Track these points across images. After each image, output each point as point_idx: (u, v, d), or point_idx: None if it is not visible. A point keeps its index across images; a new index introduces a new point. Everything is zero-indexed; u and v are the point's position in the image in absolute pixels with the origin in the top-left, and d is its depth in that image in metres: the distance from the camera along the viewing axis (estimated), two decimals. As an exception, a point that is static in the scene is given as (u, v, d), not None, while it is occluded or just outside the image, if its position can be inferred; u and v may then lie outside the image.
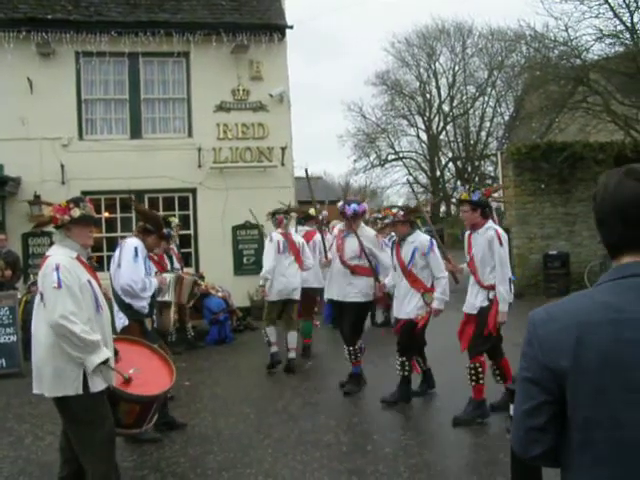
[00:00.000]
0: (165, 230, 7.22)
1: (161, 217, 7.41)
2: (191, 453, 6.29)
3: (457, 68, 49.26)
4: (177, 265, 10.56)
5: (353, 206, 8.22)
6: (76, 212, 4.73)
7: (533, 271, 16.38)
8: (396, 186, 53.79)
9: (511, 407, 3.80)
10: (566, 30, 15.83)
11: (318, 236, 9.91)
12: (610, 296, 1.80)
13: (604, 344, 1.74)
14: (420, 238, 7.62)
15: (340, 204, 8.49)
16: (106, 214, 14.44)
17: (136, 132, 14.99)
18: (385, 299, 11.86)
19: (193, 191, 15.08)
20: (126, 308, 6.56)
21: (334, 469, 5.70)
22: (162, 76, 15.28)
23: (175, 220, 11.47)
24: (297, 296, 9.81)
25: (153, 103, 15.27)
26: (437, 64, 49.90)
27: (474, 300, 6.89)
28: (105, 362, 4.57)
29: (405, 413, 7.27)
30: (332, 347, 12.04)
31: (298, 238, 10.08)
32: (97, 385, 4.62)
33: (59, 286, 4.45)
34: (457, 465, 5.69)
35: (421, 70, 50.53)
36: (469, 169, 50.49)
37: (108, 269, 12.07)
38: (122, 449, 6.02)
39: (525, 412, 1.88)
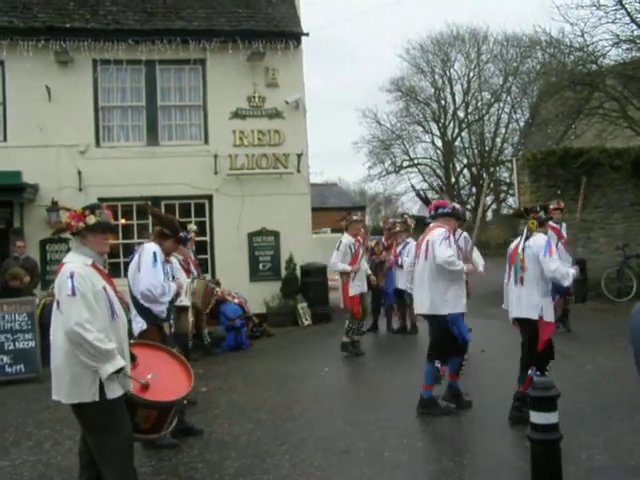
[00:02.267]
0: (182, 233, 7.23)
1: (177, 220, 7.42)
2: (209, 459, 6.30)
3: (472, 74, 49.18)
4: (194, 271, 10.60)
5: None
6: (91, 219, 4.76)
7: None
8: (411, 193, 53.65)
9: (531, 414, 3.79)
10: (582, 36, 15.81)
11: None
12: None
13: None
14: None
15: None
16: (122, 220, 14.54)
17: (152, 139, 15.09)
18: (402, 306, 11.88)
19: (209, 198, 15.15)
20: (145, 312, 6.58)
21: (351, 475, 5.70)
22: (178, 83, 15.41)
23: (192, 227, 11.53)
24: None
25: (169, 110, 15.38)
26: (452, 70, 49.85)
27: None
28: (119, 371, 4.58)
29: (424, 421, 7.24)
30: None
31: None
32: (114, 391, 4.64)
33: (73, 294, 4.48)
34: (476, 473, 5.66)
35: (436, 76, 50.49)
36: (484, 175, 50.33)
37: (124, 275, 12.23)
38: (140, 455, 6.04)
39: None
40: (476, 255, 9.37)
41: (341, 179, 57.65)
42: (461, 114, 50.66)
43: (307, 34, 15.40)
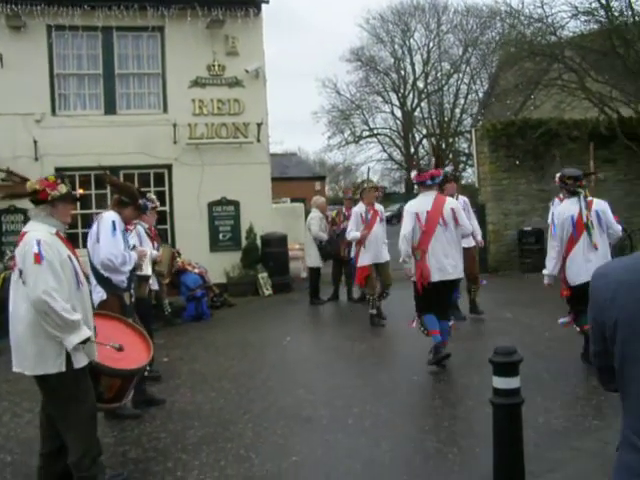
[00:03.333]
0: (141, 201, 7.08)
1: (136, 188, 7.30)
2: (171, 428, 6.30)
3: (432, 45, 49.25)
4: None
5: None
6: (63, 188, 4.69)
7: (508, 247, 16.51)
8: (371, 162, 53.78)
9: (493, 379, 3.86)
10: (542, 7, 15.91)
11: None
12: None
13: (633, 303, 1.84)
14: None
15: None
16: (81, 191, 14.26)
17: (110, 108, 14.84)
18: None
19: (169, 167, 15.00)
20: (104, 282, 6.49)
21: (314, 442, 5.75)
22: (136, 51, 15.12)
23: (152, 196, 11.40)
24: None
25: (127, 78, 15.12)
26: (412, 40, 49.87)
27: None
28: (85, 342, 4.55)
29: (386, 388, 7.32)
30: (316, 320, 12.17)
31: None
32: (80, 361, 4.60)
33: (41, 261, 4.41)
34: (437, 437, 5.75)
35: (396, 46, 50.48)
36: (443, 146, 50.58)
37: (83, 246, 12.08)
38: (103, 425, 6.01)
39: (592, 354, 2.11)
40: (474, 223, 10.41)
41: (301, 149, 57.46)
42: (421, 84, 50.78)
43: (267, 1, 15.23)
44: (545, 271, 7.90)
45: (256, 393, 7.36)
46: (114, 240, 6.41)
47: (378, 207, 10.87)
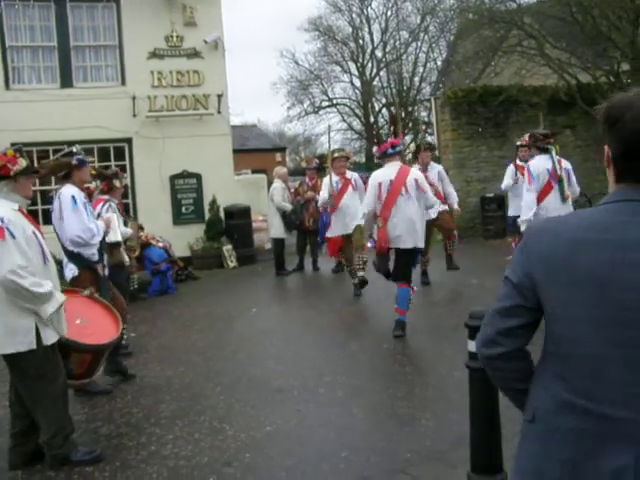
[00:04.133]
0: (73, 160, 6.68)
1: (60, 156, 6.97)
2: (143, 403, 6.27)
3: (390, 13, 48.89)
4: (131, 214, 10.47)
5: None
6: (23, 162, 4.59)
7: (471, 214, 16.62)
8: (331, 133, 53.58)
9: (469, 343, 3.88)
10: (501, -27, 15.86)
11: None
12: (605, 217, 1.85)
13: (594, 262, 1.80)
14: None
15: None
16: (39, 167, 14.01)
17: (66, 81, 14.50)
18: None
19: (129, 141, 14.76)
20: (75, 258, 6.36)
21: (286, 413, 5.76)
22: (92, 22, 14.75)
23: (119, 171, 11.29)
24: None
25: (83, 50, 14.77)
26: (369, 9, 49.46)
27: None
28: (59, 308, 4.50)
29: (357, 357, 7.36)
30: (282, 291, 12.16)
31: None
32: (50, 337, 4.55)
33: (4, 236, 4.31)
34: (410, 404, 5.80)
35: (354, 15, 50.00)
36: (403, 114, 50.57)
37: (44, 222, 11.87)
38: (73, 402, 5.94)
39: (499, 311, 1.99)
40: (451, 189, 10.82)
41: (260, 120, 56.96)
42: (379, 54, 50.51)
43: (225, -30, 14.99)
44: (524, 217, 8.17)
45: (225, 365, 7.35)
46: (77, 215, 6.27)
47: (351, 175, 10.75)
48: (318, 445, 5.07)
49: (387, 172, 8.02)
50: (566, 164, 8.37)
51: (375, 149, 8.32)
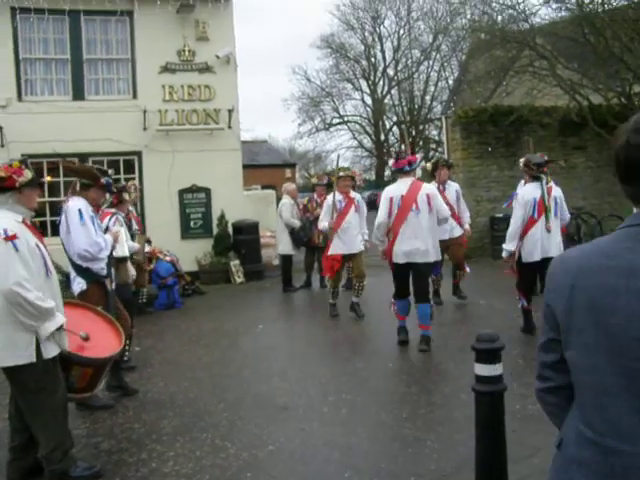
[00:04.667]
0: (103, 179, 6.81)
1: (95, 167, 7.06)
2: (145, 419, 6.20)
3: (402, 32, 49.20)
4: (135, 227, 10.42)
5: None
6: (28, 174, 4.56)
7: (480, 233, 16.53)
8: (341, 150, 53.78)
9: (475, 366, 3.82)
10: (514, -7, 15.88)
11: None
12: (612, 243, 1.83)
13: (592, 289, 1.78)
14: None
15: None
16: (48, 178, 14.04)
17: (78, 93, 14.56)
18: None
19: (138, 154, 14.79)
20: (84, 272, 6.33)
21: (291, 432, 5.69)
22: (105, 36, 14.83)
23: (135, 183, 11.37)
24: None
25: (96, 64, 14.83)
26: (382, 28, 49.80)
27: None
28: (59, 328, 4.45)
29: (362, 376, 7.28)
30: (289, 308, 12.10)
31: None
32: (50, 351, 4.50)
33: (13, 241, 4.29)
34: (414, 425, 5.72)
35: (366, 33, 50.36)
36: (413, 133, 50.65)
37: (52, 234, 11.89)
38: (74, 416, 5.89)
39: (540, 346, 2.03)
40: (464, 208, 10.83)
41: (271, 136, 57.17)
42: (391, 72, 50.78)
43: (238, -14, 15.06)
44: (506, 246, 8.47)
45: (230, 382, 7.28)
46: (84, 229, 6.24)
47: (354, 195, 10.58)
48: (321, 465, 4.99)
49: (399, 187, 8.13)
50: (556, 192, 8.47)
51: (392, 162, 8.35)
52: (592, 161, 17.37)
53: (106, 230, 7.08)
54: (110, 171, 6.99)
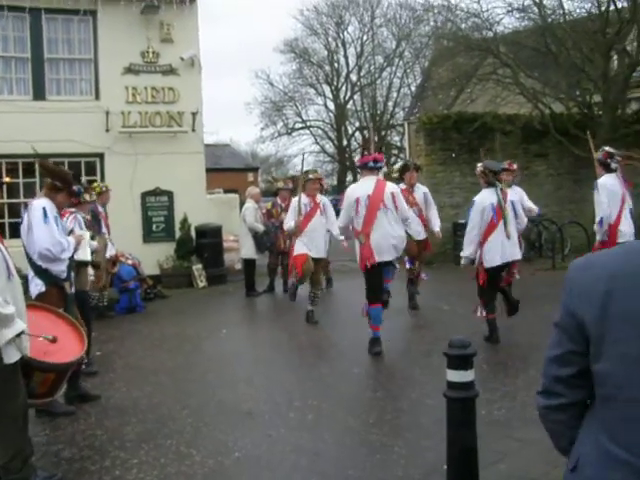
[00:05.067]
0: (75, 187, 6.73)
1: (70, 173, 6.96)
2: (108, 425, 6.08)
3: (365, 38, 49.41)
4: (104, 230, 10.33)
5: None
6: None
7: (443, 239, 16.53)
8: (304, 156, 53.74)
9: (448, 373, 3.80)
10: (478, 2, 16.05)
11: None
12: None
13: (632, 296, 1.69)
14: None
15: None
16: (7, 179, 13.76)
17: (39, 93, 14.29)
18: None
19: (101, 156, 14.57)
20: (43, 274, 6.18)
21: (257, 438, 5.62)
22: (67, 35, 14.58)
23: (106, 184, 11.32)
24: None
25: (57, 63, 14.58)
26: (345, 33, 49.93)
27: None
28: (19, 335, 4.32)
29: (328, 381, 7.24)
30: (253, 313, 12.01)
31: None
32: (11, 356, 4.37)
33: None
34: (381, 430, 5.69)
35: (329, 39, 50.44)
36: (376, 139, 50.86)
37: (10, 236, 11.64)
38: (34, 423, 5.73)
39: (552, 359, 1.88)
40: (434, 213, 10.79)
41: (233, 140, 57.00)
42: (354, 77, 50.94)
43: (204, -12, 14.96)
44: (463, 253, 8.55)
45: (194, 387, 7.19)
46: (48, 228, 6.09)
47: (320, 199, 10.51)
48: (289, 472, 4.94)
49: (364, 186, 8.07)
50: (512, 196, 8.66)
51: (357, 158, 8.39)
52: (553, 169, 17.61)
53: (70, 233, 6.95)
54: (83, 180, 6.88)
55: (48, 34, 14.43)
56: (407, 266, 10.42)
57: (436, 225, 10.81)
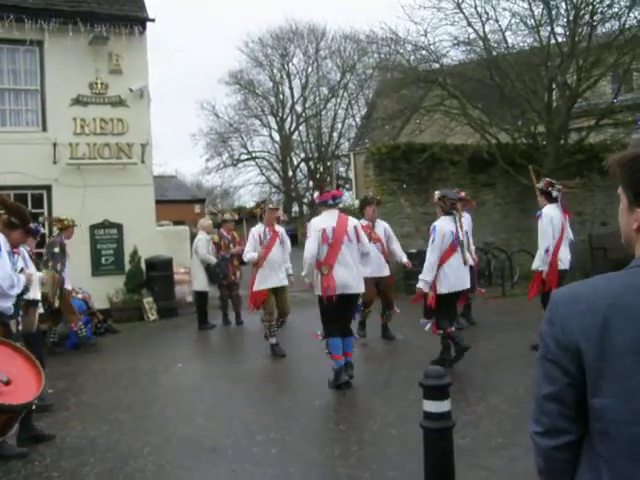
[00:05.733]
0: (32, 224, 6.63)
1: (27, 210, 6.84)
2: (65, 466, 5.87)
3: (310, 69, 49.99)
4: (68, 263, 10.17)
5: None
6: None
7: (394, 269, 16.69)
8: (249, 186, 53.86)
9: (424, 403, 3.78)
10: (425, 35, 16.36)
11: None
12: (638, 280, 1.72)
13: (633, 329, 1.65)
14: None
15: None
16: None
17: (-16, 124, 14.02)
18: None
19: (48, 188, 14.31)
20: None
21: (222, 474, 5.52)
22: (13, 65, 14.36)
23: (73, 219, 11.19)
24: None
25: (2, 94, 14.32)
26: (290, 65, 50.46)
27: None
28: None
29: (290, 414, 7.16)
30: (207, 346, 11.85)
31: None
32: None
33: None
34: (347, 462, 5.64)
35: (274, 70, 50.89)
36: (321, 169, 51.23)
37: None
38: (-14, 466, 5.53)
39: (548, 397, 1.79)
40: (397, 246, 11.01)
41: (178, 171, 56.67)
42: (299, 108, 51.38)
43: (153, 20, 14.89)
44: (423, 276, 8.60)
45: (154, 423, 7.02)
46: (0, 262, 5.94)
47: (278, 228, 10.46)
48: (257, 509, 4.85)
49: (328, 220, 8.07)
50: (467, 226, 9.08)
51: (316, 195, 8.42)
52: (500, 197, 17.94)
53: (21, 271, 6.77)
54: (40, 218, 6.74)
55: (-7, 64, 14.19)
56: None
57: (403, 257, 11.00)
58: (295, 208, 53.26)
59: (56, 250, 10.88)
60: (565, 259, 9.23)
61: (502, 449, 5.76)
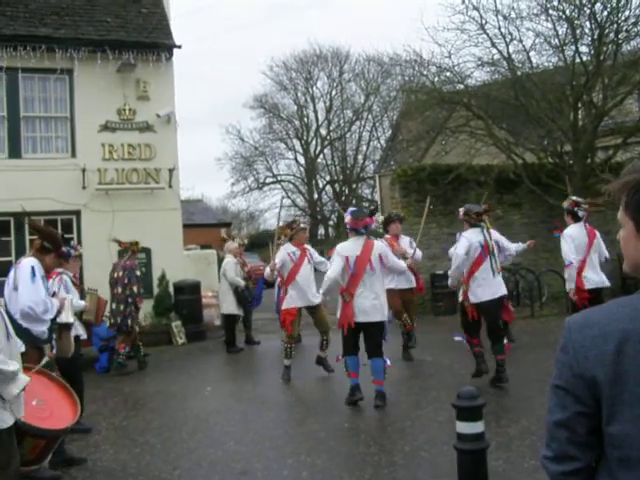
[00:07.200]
0: (64, 248, 6.75)
1: (60, 234, 6.96)
2: (97, 489, 5.92)
3: (334, 92, 50.24)
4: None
5: None
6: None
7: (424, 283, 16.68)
8: (274, 209, 54.00)
9: (457, 424, 3.76)
10: (449, 57, 16.40)
11: None
12: None
13: None
14: None
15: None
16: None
17: (15, 151, 14.26)
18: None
19: (77, 213, 14.49)
20: (24, 334, 6.05)
21: (253, 497, 5.51)
22: (43, 93, 14.64)
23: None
24: None
25: (33, 121, 14.59)
26: (315, 88, 50.74)
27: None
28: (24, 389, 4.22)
29: (319, 436, 7.13)
30: (236, 369, 11.86)
31: None
32: (7, 420, 4.23)
33: None
34: (341, 467, 5.62)
35: (299, 94, 51.21)
36: (346, 192, 51.32)
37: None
38: (21, 490, 5.56)
39: (558, 423, 1.79)
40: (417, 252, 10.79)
41: (204, 195, 57.15)
42: (324, 131, 51.57)
43: (179, 46, 15.11)
44: (450, 277, 9.14)
45: (184, 447, 7.03)
46: (34, 287, 6.03)
47: (307, 247, 10.48)
48: (289, 532, 4.83)
49: (353, 247, 8.17)
50: (495, 235, 9.06)
51: (348, 219, 8.36)
52: (527, 217, 17.85)
53: (53, 295, 6.85)
54: (72, 242, 6.84)
55: (24, 92, 14.47)
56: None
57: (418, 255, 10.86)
58: (321, 230, 53.32)
59: (138, 273, 11.68)
60: (591, 278, 9.03)
61: (534, 472, 5.68)
